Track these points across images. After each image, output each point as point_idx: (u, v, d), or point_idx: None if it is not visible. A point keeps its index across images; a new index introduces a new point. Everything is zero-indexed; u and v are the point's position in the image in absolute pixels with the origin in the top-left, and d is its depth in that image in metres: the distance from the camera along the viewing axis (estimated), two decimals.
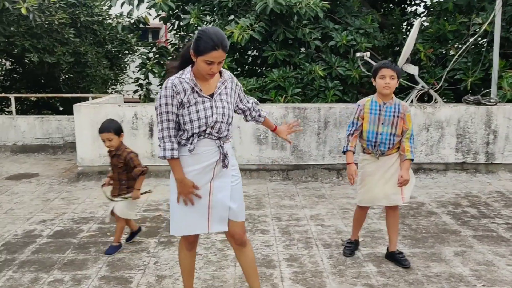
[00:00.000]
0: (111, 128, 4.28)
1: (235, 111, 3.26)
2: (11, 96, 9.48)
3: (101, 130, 4.26)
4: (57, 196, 6.33)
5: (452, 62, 8.35)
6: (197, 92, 2.96)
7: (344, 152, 4.15)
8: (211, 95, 3.01)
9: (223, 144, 3.06)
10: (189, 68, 3.01)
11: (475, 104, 7.07)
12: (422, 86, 7.35)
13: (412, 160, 3.95)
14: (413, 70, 7.08)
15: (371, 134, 3.95)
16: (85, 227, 5.15)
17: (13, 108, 9.45)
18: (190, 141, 2.99)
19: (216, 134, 3.03)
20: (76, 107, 7.03)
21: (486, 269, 4.05)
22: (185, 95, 2.94)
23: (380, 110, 3.92)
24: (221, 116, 3.00)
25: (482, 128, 7.02)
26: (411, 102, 7.15)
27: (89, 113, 6.97)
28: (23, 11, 8.54)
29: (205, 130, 2.99)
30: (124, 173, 4.36)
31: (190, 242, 3.27)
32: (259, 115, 3.44)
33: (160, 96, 2.95)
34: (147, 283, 3.85)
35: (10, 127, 9.11)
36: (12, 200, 6.16)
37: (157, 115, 2.98)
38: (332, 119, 6.97)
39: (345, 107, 7.03)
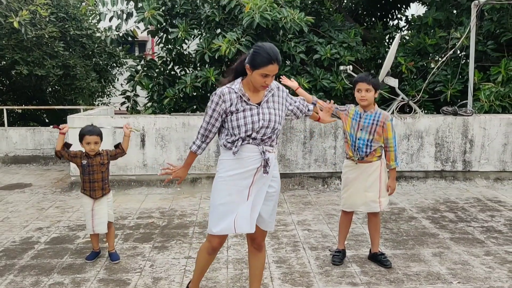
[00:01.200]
0: (99, 132, 4.41)
1: (286, 115, 3.43)
2: (3, 108, 9.63)
3: (91, 132, 4.31)
4: (52, 205, 6.52)
5: (430, 74, 8.73)
6: (245, 101, 3.19)
7: None
8: (259, 103, 3.22)
9: (265, 151, 3.21)
10: (239, 80, 3.26)
11: (452, 115, 7.42)
12: (402, 98, 7.70)
13: (397, 167, 4.27)
14: (394, 82, 7.42)
15: (352, 137, 4.21)
16: (81, 233, 5.34)
17: (5, 119, 9.59)
18: (235, 144, 3.18)
19: (260, 139, 3.20)
20: (70, 118, 7.24)
21: (461, 268, 4.34)
22: (231, 104, 3.18)
23: (360, 117, 4.18)
24: (267, 122, 3.18)
25: (459, 138, 7.38)
26: (392, 113, 7.48)
27: (82, 125, 7.13)
28: (16, 24, 8.75)
29: (250, 135, 3.18)
30: (107, 171, 4.49)
31: (214, 248, 3.39)
32: (308, 110, 3.61)
33: (210, 101, 3.23)
34: (144, 285, 4.06)
35: (2, 138, 9.28)
36: (7, 209, 6.33)
37: (204, 115, 3.29)
38: (317, 129, 7.26)
39: None
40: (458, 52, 9.30)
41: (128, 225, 5.63)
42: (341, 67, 8.12)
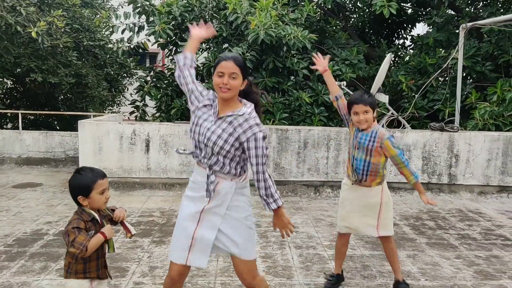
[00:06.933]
0: None
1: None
2: (19, 112, 10.22)
3: (104, 175, 2.88)
4: (60, 203, 6.99)
5: (421, 90, 9.15)
6: (212, 109, 3.00)
7: None
8: (218, 118, 2.96)
9: (212, 175, 2.95)
10: None
11: (439, 130, 7.83)
12: (392, 113, 8.12)
13: (418, 181, 3.85)
14: (384, 98, 7.85)
15: (350, 155, 3.94)
16: None
17: (19, 123, 10.16)
18: (194, 155, 3.07)
19: (206, 162, 2.97)
20: (80, 123, 7.73)
21: (431, 268, 4.74)
22: (199, 102, 3.05)
23: (356, 135, 3.88)
24: (206, 140, 2.92)
25: (445, 152, 7.78)
26: (382, 126, 7.90)
27: (92, 129, 7.67)
28: (33, 34, 9.33)
29: (197, 151, 3.01)
30: None
31: (173, 279, 3.12)
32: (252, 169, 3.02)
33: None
34: (141, 272, 4.51)
35: (16, 141, 9.83)
36: (20, 205, 6.81)
37: None
38: (311, 140, 7.70)
39: (323, 130, 7.77)
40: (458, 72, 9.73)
41: (130, 222, 6.03)
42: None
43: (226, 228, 3.03)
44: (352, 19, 14.95)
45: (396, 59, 13.81)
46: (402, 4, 12.87)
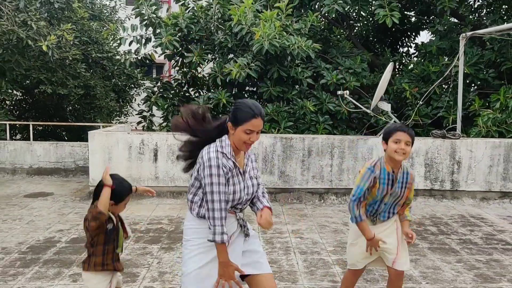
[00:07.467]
0: None
1: None
2: (30, 124, 10.46)
3: (131, 190, 3.21)
4: (71, 211, 7.17)
5: (423, 96, 9.27)
6: (236, 167, 2.88)
7: (357, 223, 3.44)
8: (244, 172, 2.94)
9: (239, 218, 2.97)
10: (227, 141, 2.88)
11: (441, 137, 7.97)
12: (394, 121, 8.27)
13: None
14: (387, 107, 8.01)
15: (376, 202, 3.50)
16: None
17: (30, 134, 10.39)
18: None
19: (239, 208, 2.96)
20: (90, 134, 7.93)
21: (433, 271, 4.88)
22: (227, 172, 2.82)
23: (392, 181, 3.44)
24: (251, 195, 2.96)
25: (447, 159, 7.92)
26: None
27: (101, 140, 7.86)
28: (44, 48, 9.57)
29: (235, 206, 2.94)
30: None
31: None
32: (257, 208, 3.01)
33: (212, 174, 2.76)
34: (151, 277, 4.67)
35: (27, 151, 10.06)
36: (32, 214, 7.00)
37: (208, 192, 2.77)
38: (315, 148, 7.86)
39: (327, 138, 7.94)
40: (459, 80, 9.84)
41: (139, 229, 6.25)
42: (339, 92, 8.77)
43: (249, 245, 3.04)
44: (356, 28, 15.11)
45: (400, 67, 13.95)
46: (405, 12, 13.02)
